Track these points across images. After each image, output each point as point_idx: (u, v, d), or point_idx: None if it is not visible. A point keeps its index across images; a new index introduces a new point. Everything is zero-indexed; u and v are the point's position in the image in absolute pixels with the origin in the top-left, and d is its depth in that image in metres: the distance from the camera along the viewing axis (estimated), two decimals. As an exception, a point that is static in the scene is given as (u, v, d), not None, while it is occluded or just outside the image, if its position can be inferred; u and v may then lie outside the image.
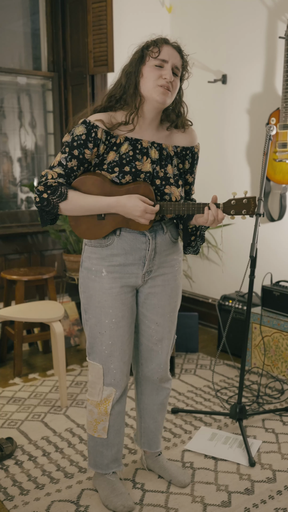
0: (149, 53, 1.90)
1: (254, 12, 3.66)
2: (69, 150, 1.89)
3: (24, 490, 2.22)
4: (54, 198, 1.87)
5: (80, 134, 1.88)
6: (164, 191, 1.95)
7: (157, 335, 2.12)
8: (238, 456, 2.45)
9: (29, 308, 3.17)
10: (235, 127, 3.91)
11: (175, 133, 2.05)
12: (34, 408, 2.96)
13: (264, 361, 3.26)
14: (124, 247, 1.97)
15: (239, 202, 1.90)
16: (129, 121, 1.93)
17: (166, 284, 2.08)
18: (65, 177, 1.90)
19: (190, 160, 2.07)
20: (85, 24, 3.88)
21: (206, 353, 3.76)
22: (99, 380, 2.06)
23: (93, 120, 1.90)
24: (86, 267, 2.03)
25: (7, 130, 4.17)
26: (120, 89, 1.96)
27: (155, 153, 1.96)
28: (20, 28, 4.18)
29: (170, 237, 2.05)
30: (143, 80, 1.91)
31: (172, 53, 1.92)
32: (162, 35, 1.98)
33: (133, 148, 1.93)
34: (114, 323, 2.01)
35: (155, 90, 1.89)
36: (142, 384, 2.23)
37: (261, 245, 3.66)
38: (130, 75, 1.93)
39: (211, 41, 4.01)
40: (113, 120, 1.94)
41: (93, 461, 2.18)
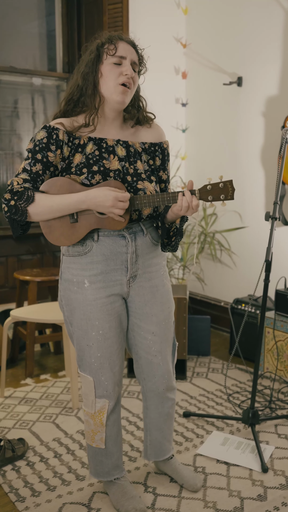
0: (106, 51, 1.87)
1: (270, 13, 3.64)
2: (32, 155, 1.86)
3: (35, 492, 2.21)
4: (22, 203, 1.80)
5: (41, 138, 1.86)
6: (137, 186, 1.90)
7: (155, 346, 2.06)
8: (251, 462, 2.43)
9: (42, 308, 3.17)
10: (250, 130, 3.88)
11: (141, 130, 2.02)
12: (46, 409, 2.95)
13: (277, 366, 3.24)
14: (104, 252, 1.91)
15: (215, 186, 1.83)
16: (89, 123, 1.90)
17: (155, 291, 2.03)
18: (31, 181, 1.85)
19: (160, 156, 2.04)
20: (101, 25, 3.88)
21: (218, 357, 3.74)
22: (91, 392, 2.02)
23: (53, 124, 1.88)
24: (66, 278, 1.97)
25: (21, 131, 4.18)
26: (77, 91, 1.93)
27: (121, 150, 1.93)
28: (35, 29, 4.19)
29: (150, 239, 2.00)
30: (102, 79, 1.88)
31: (128, 48, 1.90)
32: (112, 33, 1.93)
33: (99, 148, 1.90)
34: (102, 335, 1.95)
35: (115, 89, 1.87)
36: (147, 399, 2.18)
37: (275, 249, 3.63)
38: (87, 75, 1.89)
39: (226, 43, 3.99)
40: (74, 123, 1.91)
41: (94, 470, 2.16)
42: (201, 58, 4.23)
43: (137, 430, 2.71)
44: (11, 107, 4.13)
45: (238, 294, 4.05)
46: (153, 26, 4.12)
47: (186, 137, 4.46)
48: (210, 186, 1.84)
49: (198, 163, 4.39)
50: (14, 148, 4.15)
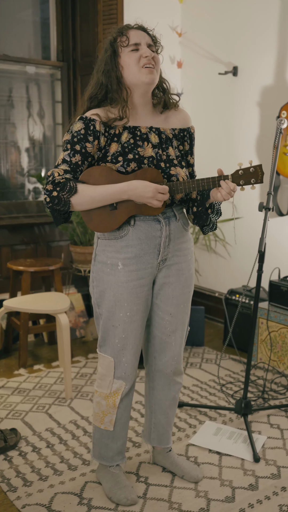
0: (120, 44, 1.93)
1: (266, 3, 3.61)
2: (70, 146, 1.90)
3: (27, 482, 2.22)
4: (64, 194, 1.86)
5: (79, 130, 1.90)
6: (170, 172, 1.95)
7: (170, 327, 2.11)
8: (243, 452, 2.44)
9: (35, 299, 3.17)
10: (245, 120, 3.87)
11: (170, 116, 2.06)
12: (39, 399, 2.95)
13: (270, 356, 3.24)
14: (139, 236, 1.96)
15: (246, 171, 1.90)
16: (123, 116, 1.93)
17: (180, 274, 2.08)
18: (71, 172, 1.90)
19: (188, 141, 2.09)
20: (95, 13, 3.84)
21: (212, 347, 3.75)
22: (109, 373, 2.06)
23: (89, 115, 1.92)
24: (100, 260, 2.02)
25: (16, 120, 4.15)
26: (101, 89, 1.97)
27: (154, 137, 1.97)
28: (29, 17, 4.15)
29: (182, 224, 2.05)
30: (125, 70, 1.92)
31: (140, 33, 1.95)
32: (119, 26, 1.99)
33: (133, 136, 1.94)
34: (129, 317, 2.00)
35: (140, 73, 1.90)
36: (154, 378, 2.20)
37: (269, 240, 3.63)
38: (109, 72, 1.94)
39: (222, 33, 3.96)
40: (109, 114, 1.94)
41: (98, 453, 2.18)
42: (196, 47, 4.20)
43: (130, 420, 2.71)
44: (5, 96, 4.09)
45: (232, 284, 4.05)
46: (148, 15, 4.05)
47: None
48: (241, 171, 1.91)
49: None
50: (8, 137, 4.12)
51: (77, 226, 3.71)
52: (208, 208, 2.05)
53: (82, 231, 3.72)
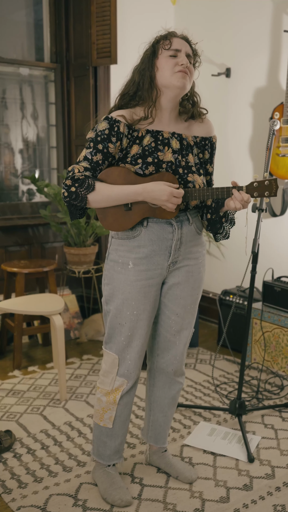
0: (161, 46, 1.96)
1: (259, 5, 3.63)
2: (93, 145, 1.93)
3: (22, 483, 2.22)
4: (82, 190, 1.90)
5: (103, 129, 1.93)
6: (187, 179, 1.98)
7: (176, 326, 2.14)
8: (237, 452, 2.45)
9: (29, 300, 3.16)
10: (239, 121, 3.88)
11: (193, 124, 2.09)
12: (33, 401, 2.95)
13: (264, 356, 3.25)
14: (151, 237, 1.99)
15: (261, 184, 1.94)
16: (148, 115, 1.96)
17: (190, 276, 2.10)
18: (91, 170, 1.93)
19: (209, 150, 2.12)
20: (89, 15, 3.85)
21: (206, 348, 3.76)
22: (113, 370, 2.08)
23: (115, 116, 1.95)
24: (112, 259, 2.06)
25: (9, 121, 4.15)
26: (133, 86, 2.00)
27: (176, 143, 2.00)
28: (23, 18, 4.15)
29: (195, 228, 2.07)
30: (159, 72, 1.95)
31: (183, 42, 1.98)
32: (170, 29, 2.03)
33: (155, 140, 1.97)
34: (135, 315, 2.03)
35: (173, 76, 1.93)
36: (155, 376, 2.23)
37: (262, 241, 3.65)
38: (143, 71, 1.97)
39: (215, 34, 3.98)
40: (134, 116, 1.98)
41: (96, 450, 2.20)
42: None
43: (124, 421, 2.72)
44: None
45: (226, 285, 4.06)
46: (142, 16, 4.09)
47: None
48: (256, 184, 1.95)
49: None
50: (1, 138, 4.11)
51: (71, 227, 3.71)
52: (222, 217, 2.08)
53: (76, 232, 3.72)
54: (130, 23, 4.03)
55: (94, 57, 3.91)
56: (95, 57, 3.90)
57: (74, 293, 4.14)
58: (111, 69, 4.01)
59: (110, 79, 4.04)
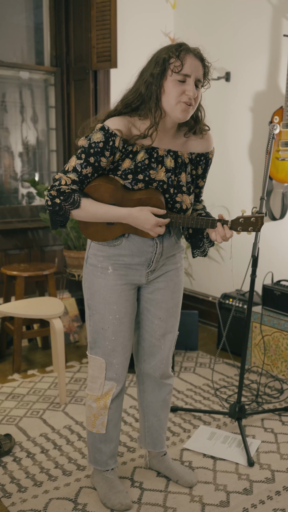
0: (171, 67, 1.83)
1: (258, 9, 3.64)
2: (85, 157, 1.86)
3: (22, 487, 2.21)
4: (67, 205, 1.87)
5: (98, 142, 1.85)
6: (176, 199, 1.96)
7: (160, 330, 2.14)
8: (237, 456, 2.45)
9: (29, 304, 3.16)
10: (238, 125, 3.89)
11: (192, 139, 2.02)
12: (33, 404, 2.95)
13: (264, 360, 3.25)
14: (132, 248, 1.98)
15: (247, 220, 1.91)
16: (148, 135, 1.89)
17: (169, 280, 2.10)
18: (79, 183, 1.89)
19: (203, 166, 2.06)
20: (89, 19, 3.86)
21: (206, 351, 3.76)
22: (100, 375, 2.07)
23: (112, 128, 1.85)
24: (91, 263, 2.04)
25: (9, 124, 4.15)
26: (138, 98, 1.90)
27: (170, 161, 1.95)
28: (23, 22, 4.16)
29: (175, 239, 2.07)
30: (165, 95, 1.85)
31: (195, 64, 1.84)
32: (183, 42, 1.88)
33: (149, 157, 1.91)
34: (118, 319, 2.02)
35: (177, 107, 1.85)
36: (144, 381, 2.23)
37: (262, 244, 3.65)
38: (150, 86, 1.86)
39: (215, 38, 3.99)
40: (132, 128, 1.89)
41: (92, 457, 2.19)
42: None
43: (124, 425, 2.72)
44: (-2, 101, 4.09)
45: (226, 289, 4.06)
46: (141, 20, 4.10)
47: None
48: (242, 220, 1.92)
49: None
50: (1, 142, 4.12)
51: (70, 231, 3.71)
52: (203, 233, 2.07)
53: (76, 236, 3.72)
54: (130, 27, 4.04)
55: (94, 61, 3.92)
56: (95, 61, 3.91)
57: (74, 296, 4.14)
58: (111, 73, 4.02)
59: (110, 83, 4.05)
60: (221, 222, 1.91)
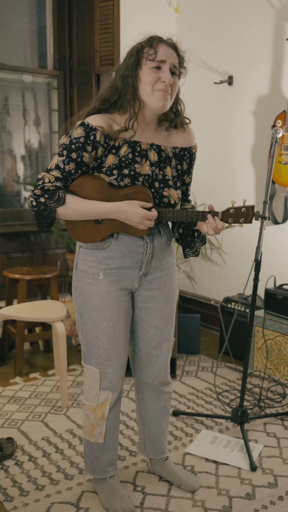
0: (145, 56, 1.84)
1: (261, 13, 3.64)
2: (67, 153, 1.84)
3: (24, 491, 2.21)
4: (52, 203, 1.82)
5: (79, 137, 1.84)
6: (163, 193, 1.93)
7: (156, 339, 2.10)
8: (239, 460, 2.44)
9: (31, 307, 3.16)
10: (241, 129, 3.89)
11: (174, 133, 2.01)
12: (35, 408, 2.94)
13: (266, 364, 3.25)
14: (122, 250, 1.94)
15: (237, 210, 1.90)
16: (129, 127, 1.88)
17: (163, 287, 2.06)
18: (63, 180, 1.85)
19: (188, 161, 2.05)
20: (92, 22, 3.87)
21: (208, 355, 3.75)
22: (95, 384, 2.03)
23: (92, 123, 1.85)
24: (81, 270, 1.99)
25: (12, 128, 4.16)
26: (115, 93, 1.90)
27: (154, 155, 1.93)
28: (26, 26, 4.17)
29: (166, 240, 2.03)
30: (141, 84, 1.86)
31: (169, 52, 1.86)
32: (155, 34, 1.90)
33: (132, 151, 1.90)
34: (112, 327, 1.98)
35: (154, 95, 1.84)
36: (143, 390, 2.20)
37: (265, 248, 3.65)
38: (126, 79, 1.86)
39: (217, 42, 3.99)
40: (113, 125, 1.89)
41: (89, 466, 2.16)
42: (192, 57, 4.23)
43: (126, 429, 2.71)
44: (1, 104, 4.10)
45: (228, 292, 4.06)
46: (144, 24, 4.10)
47: (177, 135, 4.45)
48: (233, 210, 1.90)
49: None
50: (4, 145, 4.13)
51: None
52: (194, 232, 2.03)
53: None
54: (133, 31, 4.03)
55: (97, 65, 3.93)
56: (98, 64, 3.92)
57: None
58: (114, 77, 4.03)
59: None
60: (212, 213, 1.89)
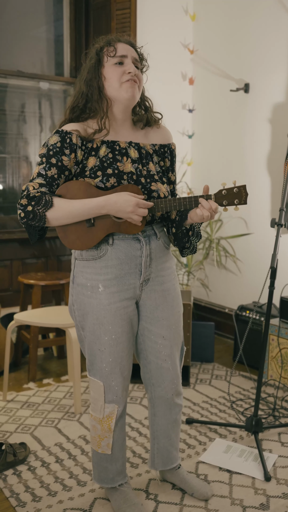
0: (106, 53, 1.89)
1: (278, 20, 3.64)
2: (46, 159, 1.84)
3: (36, 497, 2.20)
4: (40, 208, 1.77)
5: (55, 143, 1.84)
6: (151, 188, 1.91)
7: (165, 350, 2.05)
8: (254, 470, 2.41)
9: (45, 313, 3.17)
10: (257, 136, 3.88)
11: (150, 131, 2.03)
12: (48, 413, 2.94)
13: (281, 373, 3.21)
14: (119, 256, 1.91)
15: (229, 191, 1.86)
16: (102, 127, 1.89)
17: (167, 295, 2.02)
18: (47, 186, 1.83)
19: (169, 157, 2.05)
20: (109, 30, 3.89)
21: (222, 364, 3.73)
22: (100, 397, 2.01)
23: (66, 128, 1.87)
24: (79, 283, 1.95)
25: (28, 135, 4.19)
26: (82, 98, 1.92)
27: (134, 152, 1.93)
28: (43, 34, 4.21)
29: (163, 243, 2.01)
30: (107, 82, 1.89)
31: (127, 47, 1.91)
32: (108, 36, 1.94)
33: (112, 150, 1.90)
34: (114, 340, 1.94)
35: (122, 87, 1.87)
36: (155, 405, 2.16)
37: (280, 256, 3.62)
38: (91, 81, 1.89)
39: (234, 50, 4.00)
40: (88, 129, 1.90)
41: (97, 476, 2.14)
42: (208, 65, 4.24)
43: (139, 436, 2.70)
44: (18, 111, 4.14)
45: (242, 300, 4.03)
46: (161, 32, 4.13)
47: (192, 143, 4.46)
48: (225, 191, 1.86)
49: (204, 169, 4.38)
50: (20, 152, 4.16)
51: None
52: (189, 230, 1.99)
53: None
54: (149, 38, 4.07)
55: (113, 72, 3.94)
56: (114, 72, 3.93)
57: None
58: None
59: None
60: (204, 197, 1.85)
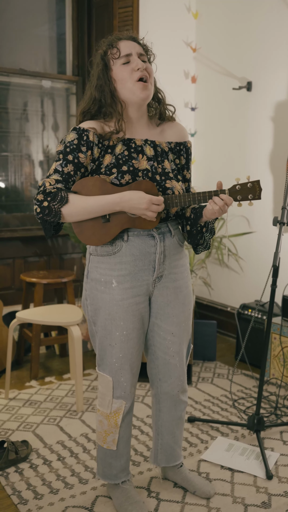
0: (110, 57, 1.90)
1: (281, 18, 3.63)
2: (63, 156, 1.86)
3: (38, 494, 2.20)
4: (55, 204, 1.80)
5: (72, 140, 1.87)
6: (166, 185, 1.92)
7: (173, 347, 2.06)
8: (255, 468, 2.41)
9: (47, 311, 3.17)
10: (259, 135, 3.87)
11: (166, 129, 2.04)
12: (50, 411, 2.94)
13: (283, 372, 3.21)
14: (133, 252, 1.92)
15: (244, 186, 1.86)
16: (119, 129, 1.91)
17: (179, 292, 2.03)
18: (63, 182, 1.85)
19: (185, 155, 2.06)
20: (111, 29, 3.89)
21: (224, 362, 3.72)
22: (108, 392, 2.02)
23: (83, 126, 1.89)
24: (93, 278, 1.97)
25: (30, 133, 4.19)
26: (94, 104, 1.94)
27: (149, 150, 1.94)
28: (45, 32, 4.21)
29: (177, 240, 2.01)
30: (118, 84, 1.90)
31: (130, 44, 1.92)
32: (109, 38, 1.96)
33: (128, 148, 1.91)
34: (125, 335, 1.96)
35: (135, 87, 1.88)
36: (161, 401, 2.16)
37: (283, 255, 3.62)
38: (102, 87, 1.91)
39: (236, 48, 3.99)
40: (104, 127, 1.92)
41: (101, 471, 2.15)
42: (210, 63, 4.23)
43: (141, 434, 2.70)
44: (20, 110, 4.14)
45: (244, 299, 4.03)
46: (163, 30, 4.12)
47: (195, 141, 4.45)
48: (239, 186, 1.86)
49: (206, 168, 4.38)
50: (23, 150, 4.16)
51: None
52: (203, 227, 2.00)
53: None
54: (152, 36, 4.05)
55: (115, 71, 3.94)
56: (117, 70, 3.93)
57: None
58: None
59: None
60: (218, 192, 1.85)
